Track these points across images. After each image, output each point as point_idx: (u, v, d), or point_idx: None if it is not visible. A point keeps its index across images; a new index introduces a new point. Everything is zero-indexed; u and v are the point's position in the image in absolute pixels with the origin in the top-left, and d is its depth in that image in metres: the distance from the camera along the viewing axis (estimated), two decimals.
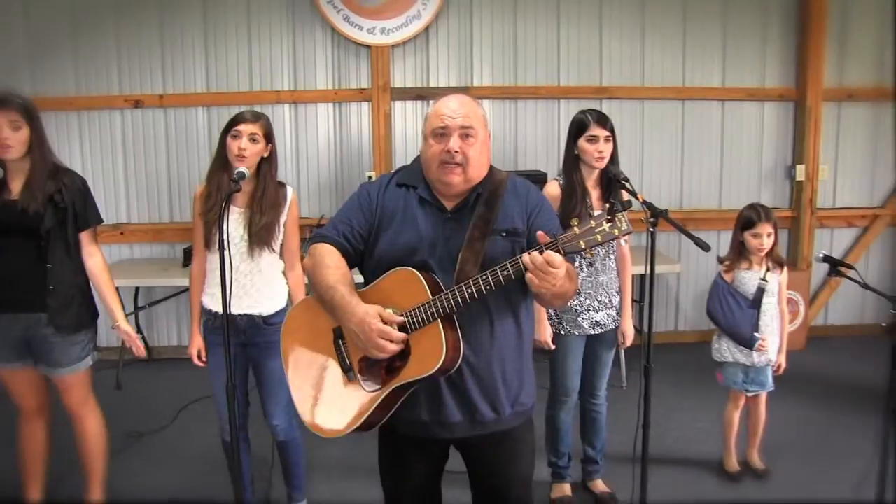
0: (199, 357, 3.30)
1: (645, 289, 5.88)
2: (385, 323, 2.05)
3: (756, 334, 3.70)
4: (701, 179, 6.23)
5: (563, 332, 3.41)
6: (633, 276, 2.75)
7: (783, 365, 3.84)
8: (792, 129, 6.24)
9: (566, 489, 3.70)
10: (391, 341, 2.04)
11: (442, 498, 2.55)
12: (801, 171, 6.15)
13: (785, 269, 3.84)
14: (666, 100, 6.10)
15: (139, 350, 3.27)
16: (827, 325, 6.43)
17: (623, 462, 3.51)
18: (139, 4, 5.74)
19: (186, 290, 5.58)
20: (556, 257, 1.88)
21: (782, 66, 6.16)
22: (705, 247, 2.35)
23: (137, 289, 5.68)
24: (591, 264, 3.34)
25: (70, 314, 3.08)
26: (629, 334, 3.65)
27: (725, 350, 3.81)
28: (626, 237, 1.94)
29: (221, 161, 3.10)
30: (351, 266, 2.24)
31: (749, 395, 3.86)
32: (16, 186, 2.98)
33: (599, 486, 3.73)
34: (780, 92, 6.16)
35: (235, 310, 3.01)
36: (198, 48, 5.82)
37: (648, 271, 2.58)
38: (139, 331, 5.87)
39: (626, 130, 6.02)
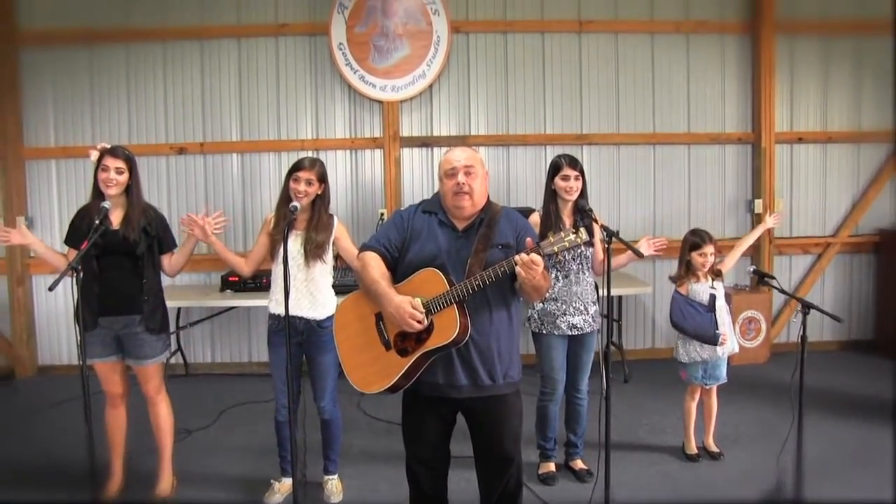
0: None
1: (622, 308, 6.69)
2: (413, 308, 2.86)
3: (717, 332, 4.44)
4: (671, 213, 6.98)
5: (544, 332, 4.17)
6: (609, 297, 3.44)
7: None
8: (750, 167, 7.05)
9: (551, 467, 4.42)
10: (418, 321, 2.85)
11: (450, 456, 3.28)
12: (759, 205, 6.92)
13: (723, 275, 4.61)
14: (638, 144, 6.91)
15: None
16: (788, 343, 7.10)
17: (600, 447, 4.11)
18: (184, 68, 6.64)
19: (221, 312, 6.42)
20: (538, 257, 2.73)
21: (739, 114, 7.00)
22: (639, 254, 3.16)
23: (179, 310, 6.45)
24: (566, 276, 4.13)
25: (157, 318, 3.92)
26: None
27: (693, 351, 4.52)
28: (585, 246, 2.78)
29: (285, 197, 3.93)
30: (388, 269, 3.06)
31: (706, 387, 4.60)
32: (115, 218, 3.81)
33: (579, 464, 4.45)
34: (738, 136, 6.99)
35: (295, 311, 3.82)
36: (233, 103, 6.68)
37: (605, 280, 3.39)
38: (178, 348, 6.65)
39: (603, 171, 6.87)
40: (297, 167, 3.91)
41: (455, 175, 3.02)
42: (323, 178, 3.97)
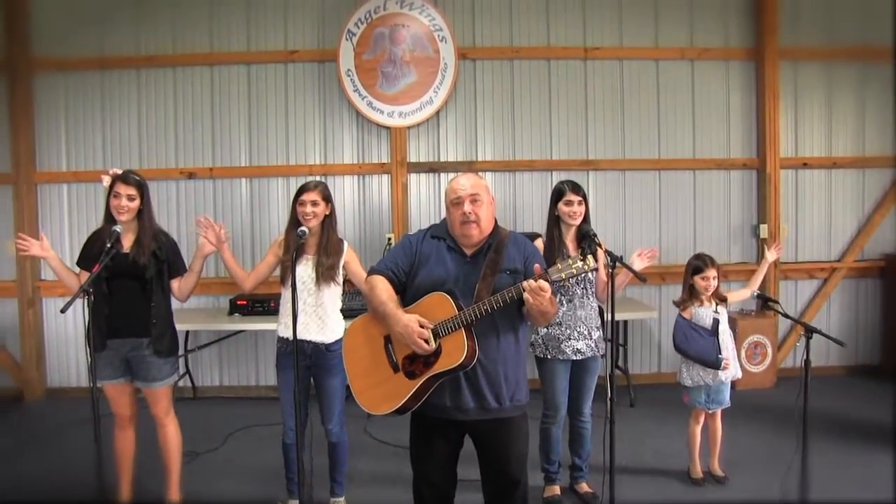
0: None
1: (627, 333, 6.71)
2: (421, 326, 2.90)
3: (720, 356, 4.46)
4: (677, 238, 7.01)
5: (549, 357, 4.20)
6: (614, 321, 3.46)
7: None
8: (755, 193, 7.08)
9: (556, 490, 4.44)
10: (426, 340, 2.88)
11: (457, 478, 3.30)
12: (764, 230, 6.95)
13: (727, 300, 4.63)
14: (644, 170, 6.96)
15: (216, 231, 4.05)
16: (795, 367, 6.99)
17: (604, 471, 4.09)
18: (195, 93, 6.75)
19: (230, 335, 6.47)
20: (545, 284, 2.78)
21: (744, 140, 7.05)
22: (642, 279, 3.21)
23: (187, 333, 6.49)
24: (570, 300, 4.17)
25: (165, 341, 3.95)
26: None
27: (696, 375, 4.55)
28: (592, 272, 2.83)
29: (294, 222, 4.00)
30: (396, 292, 3.10)
31: (710, 412, 4.62)
32: (126, 242, 3.87)
33: (584, 487, 4.46)
34: (743, 161, 7.03)
35: (304, 335, 3.87)
36: (242, 128, 6.78)
37: (609, 304, 3.43)
38: (187, 371, 6.69)
39: (609, 197, 6.92)
40: (300, 191, 4.00)
41: (461, 204, 3.06)
42: (328, 198, 4.05)
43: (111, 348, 3.86)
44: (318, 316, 3.99)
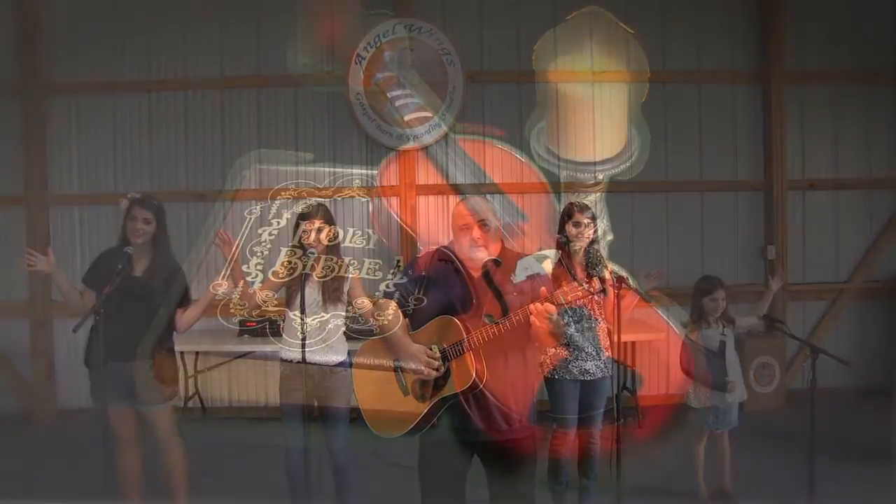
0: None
1: (636, 354, 6.71)
2: (429, 357, 2.95)
3: (727, 378, 4.48)
4: (685, 260, 6.98)
5: (556, 377, 4.21)
6: (624, 342, 3.47)
7: None
8: (762, 214, 7.10)
9: None
10: (435, 369, 2.93)
11: (465, 499, 3.27)
12: (772, 251, 6.96)
13: (734, 323, 4.65)
14: (652, 192, 6.99)
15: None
16: (803, 388, 7.02)
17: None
18: (205, 116, 6.84)
19: (239, 356, 6.47)
20: (552, 307, 2.81)
21: (751, 162, 7.08)
22: (648, 299, 3.24)
23: (197, 354, 6.52)
24: (577, 321, 4.18)
25: (166, 365, 4.01)
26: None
27: (702, 397, 4.57)
28: (599, 294, 2.87)
29: (297, 244, 4.06)
30: (405, 315, 3.14)
31: (718, 432, 4.62)
32: (138, 265, 3.92)
33: None
34: (750, 183, 7.06)
35: (308, 357, 3.82)
36: (252, 151, 6.80)
37: (616, 325, 3.45)
38: (196, 391, 6.70)
39: (618, 219, 6.93)
40: (302, 217, 4.05)
41: (469, 230, 3.09)
42: (330, 220, 4.09)
43: (112, 370, 3.86)
44: (323, 338, 3.99)
